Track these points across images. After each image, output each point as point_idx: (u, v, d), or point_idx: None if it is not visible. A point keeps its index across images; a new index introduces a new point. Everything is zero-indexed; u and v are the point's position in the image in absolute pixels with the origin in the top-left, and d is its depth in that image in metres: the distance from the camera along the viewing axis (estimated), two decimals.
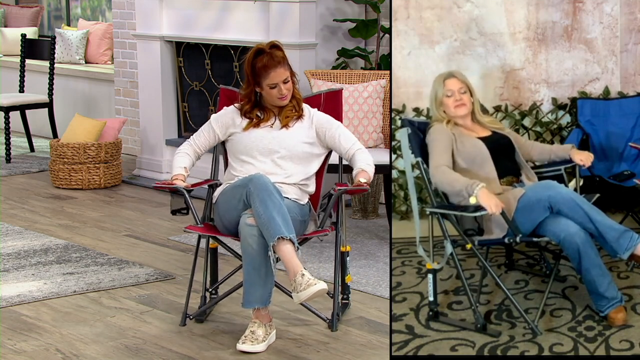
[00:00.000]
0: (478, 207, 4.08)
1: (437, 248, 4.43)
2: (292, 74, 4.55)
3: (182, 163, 4.57)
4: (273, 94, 4.50)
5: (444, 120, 4.36)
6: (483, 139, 4.35)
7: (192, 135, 4.71)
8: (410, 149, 4.34)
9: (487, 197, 3.99)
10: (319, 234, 4.41)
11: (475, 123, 4.43)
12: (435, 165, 4.23)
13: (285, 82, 4.48)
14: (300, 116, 4.56)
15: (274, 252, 4.13)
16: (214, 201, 4.53)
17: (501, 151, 4.35)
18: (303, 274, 4.08)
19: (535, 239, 4.08)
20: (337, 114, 4.74)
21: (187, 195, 4.41)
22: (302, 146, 4.54)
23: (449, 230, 4.20)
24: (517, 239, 4.07)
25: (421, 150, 4.36)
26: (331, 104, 4.77)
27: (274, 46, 4.51)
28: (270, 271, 4.19)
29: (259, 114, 4.56)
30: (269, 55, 4.48)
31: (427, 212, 4.26)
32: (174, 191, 4.44)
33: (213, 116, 4.63)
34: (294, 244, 4.13)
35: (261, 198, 4.17)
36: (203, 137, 4.62)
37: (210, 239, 4.57)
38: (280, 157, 4.50)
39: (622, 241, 3.97)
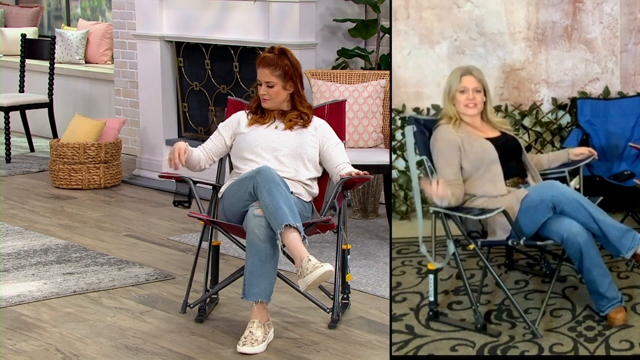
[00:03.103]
0: (482, 210, 4.08)
1: (439, 248, 4.42)
2: (297, 90, 4.61)
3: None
4: (259, 91, 4.62)
5: (452, 120, 4.33)
6: (492, 139, 4.32)
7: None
8: (415, 147, 4.32)
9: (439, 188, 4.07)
10: (324, 222, 4.38)
11: (485, 122, 4.40)
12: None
13: (269, 86, 4.56)
14: (305, 125, 4.62)
15: (281, 239, 4.16)
16: (219, 196, 4.56)
17: (509, 153, 4.33)
18: (309, 259, 4.11)
19: (539, 243, 4.07)
20: (341, 125, 4.81)
21: (192, 185, 4.44)
22: (305, 148, 4.58)
23: (451, 230, 4.20)
24: (521, 242, 4.07)
25: (426, 148, 4.35)
26: (335, 115, 4.85)
27: (282, 51, 4.60)
28: (275, 264, 4.22)
29: (260, 112, 4.65)
30: (269, 54, 4.60)
31: (431, 212, 4.26)
32: (179, 180, 4.48)
33: (221, 123, 4.72)
34: (300, 232, 4.15)
35: (268, 188, 4.21)
36: (211, 142, 4.72)
37: (212, 237, 4.59)
38: (283, 155, 4.55)
39: (625, 241, 3.97)
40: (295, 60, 4.62)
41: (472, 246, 4.14)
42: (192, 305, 4.54)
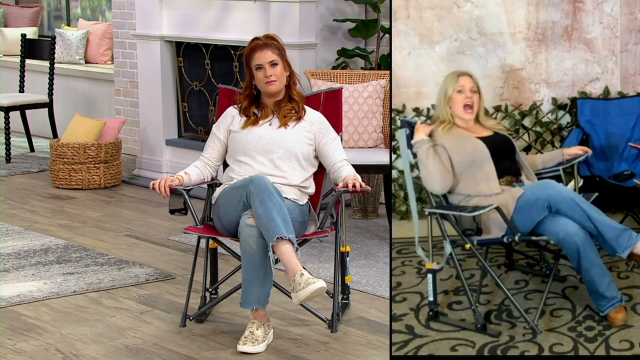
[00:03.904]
0: (476, 207, 4.09)
1: (437, 248, 4.43)
2: (292, 71, 4.58)
3: (186, 169, 4.57)
4: (260, 77, 4.51)
5: (443, 123, 4.34)
6: (483, 139, 4.34)
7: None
8: (409, 150, 4.34)
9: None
10: (319, 235, 4.42)
11: (477, 124, 4.42)
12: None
13: (272, 65, 4.49)
14: (299, 118, 4.56)
15: (274, 252, 4.13)
16: (213, 202, 4.53)
17: (502, 151, 4.34)
18: (302, 274, 4.07)
19: (534, 238, 4.08)
20: (337, 113, 4.74)
21: (186, 196, 4.41)
22: (301, 146, 4.53)
23: (448, 231, 4.20)
24: (516, 238, 4.07)
25: None
26: (331, 103, 4.77)
27: (269, 36, 4.57)
28: (269, 272, 4.19)
29: (255, 111, 4.58)
30: (260, 40, 4.55)
31: (426, 213, 4.27)
32: (173, 190, 4.45)
33: (214, 125, 4.65)
34: (293, 244, 4.13)
35: (261, 199, 4.17)
36: (209, 147, 4.64)
37: (210, 239, 4.57)
38: (278, 157, 4.49)
39: (621, 240, 3.97)
40: (282, 42, 4.63)
41: (468, 245, 4.14)
42: (192, 318, 4.52)
